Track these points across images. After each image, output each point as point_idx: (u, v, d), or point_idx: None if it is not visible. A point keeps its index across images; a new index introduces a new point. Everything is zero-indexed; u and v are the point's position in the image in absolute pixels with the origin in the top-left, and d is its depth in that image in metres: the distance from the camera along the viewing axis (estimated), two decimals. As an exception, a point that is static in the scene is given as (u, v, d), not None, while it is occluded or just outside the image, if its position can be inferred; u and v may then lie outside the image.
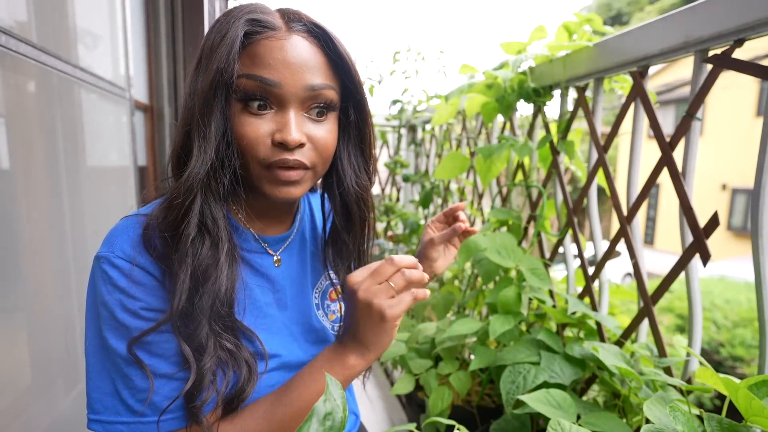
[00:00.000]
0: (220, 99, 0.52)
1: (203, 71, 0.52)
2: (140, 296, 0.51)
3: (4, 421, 0.89)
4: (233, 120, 0.53)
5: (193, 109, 0.52)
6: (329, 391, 0.29)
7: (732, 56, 0.68)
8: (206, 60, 0.52)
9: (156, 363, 0.51)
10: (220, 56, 0.51)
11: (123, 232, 0.53)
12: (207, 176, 0.52)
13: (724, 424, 0.53)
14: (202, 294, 0.51)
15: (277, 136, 0.53)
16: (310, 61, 0.53)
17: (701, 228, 0.72)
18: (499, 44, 1.14)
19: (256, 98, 0.53)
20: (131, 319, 0.50)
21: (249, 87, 0.52)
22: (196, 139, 0.52)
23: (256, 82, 0.52)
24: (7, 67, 0.89)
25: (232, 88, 0.52)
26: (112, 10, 1.53)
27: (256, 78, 0.52)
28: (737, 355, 4.28)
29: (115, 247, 0.51)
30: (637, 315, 0.86)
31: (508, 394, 0.85)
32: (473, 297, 1.26)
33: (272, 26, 0.53)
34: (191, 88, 0.54)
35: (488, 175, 1.25)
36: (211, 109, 0.51)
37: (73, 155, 1.19)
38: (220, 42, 0.51)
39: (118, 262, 0.51)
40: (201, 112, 0.51)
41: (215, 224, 0.53)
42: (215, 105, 0.52)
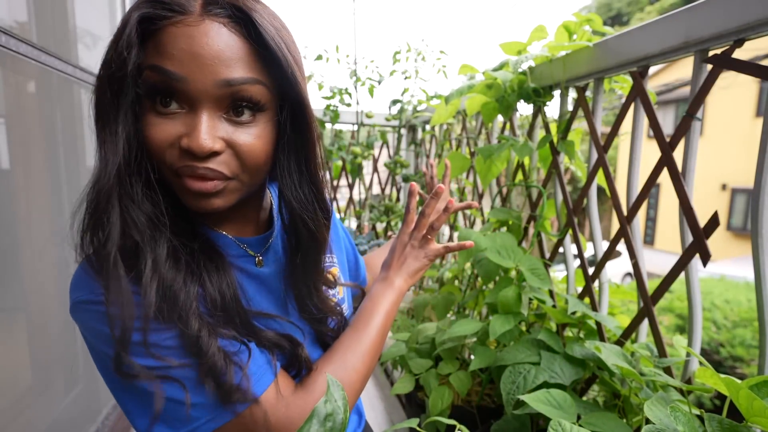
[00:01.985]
0: (125, 93, 0.45)
1: (103, 63, 0.46)
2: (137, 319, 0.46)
3: (4, 421, 0.89)
4: (141, 119, 0.46)
5: (96, 105, 0.46)
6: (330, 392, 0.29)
7: (732, 56, 0.68)
8: (109, 49, 0.45)
9: (188, 362, 0.47)
10: (119, 42, 0.44)
11: (83, 273, 0.49)
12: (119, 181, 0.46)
13: (724, 424, 0.53)
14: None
15: (184, 141, 0.45)
16: (225, 51, 0.45)
17: (701, 228, 0.72)
18: (499, 45, 1.14)
19: (160, 94, 0.45)
20: (136, 335, 0.46)
21: (152, 80, 0.44)
22: (102, 139, 0.47)
23: (159, 75, 0.44)
24: (7, 67, 0.89)
25: (138, 80, 0.44)
26: (112, 10, 1.53)
27: (158, 70, 0.44)
28: (737, 355, 4.28)
29: (82, 293, 0.48)
30: (637, 315, 0.86)
31: (509, 394, 0.85)
32: (473, 297, 1.27)
33: (181, 9, 0.44)
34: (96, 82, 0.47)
35: (488, 175, 1.25)
36: (110, 106, 0.45)
37: (73, 155, 1.19)
38: (123, 27, 0.44)
39: (94, 305, 0.47)
40: (103, 108, 0.46)
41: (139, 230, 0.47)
42: (119, 101, 0.45)
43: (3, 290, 0.90)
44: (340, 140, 2.25)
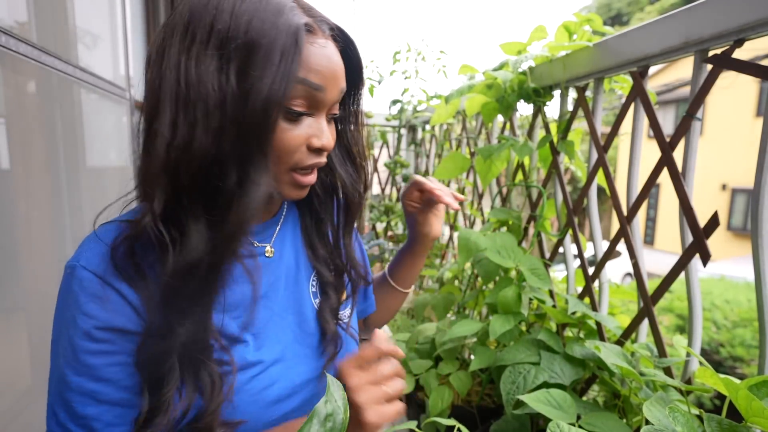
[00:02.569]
0: (278, 103, 0.48)
1: (259, 71, 0.46)
2: (96, 314, 0.47)
3: (4, 421, 0.89)
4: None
5: (249, 114, 0.46)
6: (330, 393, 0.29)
7: (732, 56, 0.68)
8: (252, 55, 0.46)
9: (100, 388, 0.48)
10: (286, 58, 0.47)
11: (95, 240, 0.50)
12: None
13: (724, 424, 0.53)
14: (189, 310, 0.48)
15: (316, 141, 0.54)
16: (341, 66, 0.54)
17: (701, 228, 0.72)
18: (499, 45, 1.14)
19: (299, 103, 0.51)
20: (82, 340, 0.47)
21: (296, 92, 0.50)
22: (258, 152, 0.48)
23: (306, 87, 0.50)
24: (7, 67, 0.89)
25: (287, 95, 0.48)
26: (112, 10, 1.53)
27: (308, 83, 0.50)
28: (737, 355, 4.28)
29: (81, 257, 0.49)
30: (637, 315, 0.86)
31: (509, 394, 0.85)
32: (473, 297, 1.26)
33: (314, 30, 0.51)
34: (233, 86, 0.46)
35: (488, 175, 1.25)
36: (276, 117, 0.48)
37: (73, 155, 1.19)
38: (272, 39, 0.46)
39: (80, 272, 0.48)
40: (267, 121, 0.47)
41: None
42: (275, 116, 0.48)
43: (3, 290, 0.90)
44: (340, 140, 2.25)
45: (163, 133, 0.46)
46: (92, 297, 0.48)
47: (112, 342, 0.48)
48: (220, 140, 0.47)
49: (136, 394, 0.49)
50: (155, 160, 0.47)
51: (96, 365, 0.48)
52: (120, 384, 0.49)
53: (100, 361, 0.48)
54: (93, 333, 0.47)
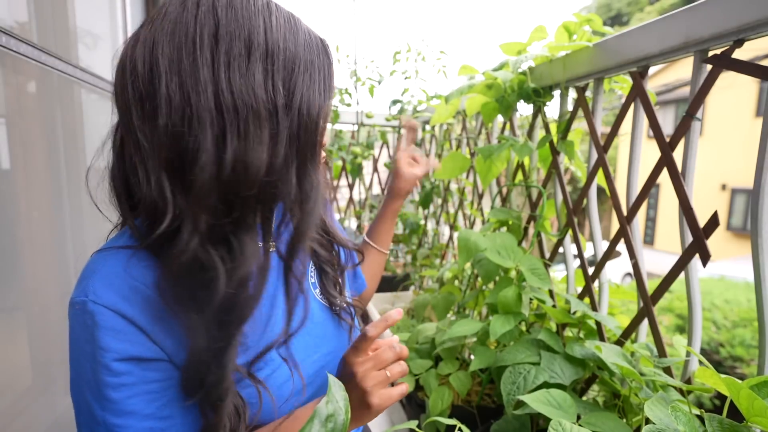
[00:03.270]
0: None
1: (310, 84, 0.50)
2: (113, 346, 0.47)
3: (4, 421, 0.89)
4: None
5: (302, 126, 0.50)
6: (331, 393, 0.29)
7: (732, 56, 0.68)
8: (299, 68, 0.50)
9: (124, 422, 0.48)
10: (330, 72, 0.53)
11: (99, 272, 0.49)
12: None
13: (725, 424, 0.53)
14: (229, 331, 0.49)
15: (325, 139, 0.58)
16: None
17: (701, 228, 0.72)
18: (499, 45, 1.14)
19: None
20: (101, 373, 0.47)
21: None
22: (310, 164, 0.52)
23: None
24: (7, 67, 0.89)
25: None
26: (112, 10, 1.53)
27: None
28: (737, 355, 4.28)
29: (89, 291, 0.47)
30: (637, 315, 0.86)
31: (509, 394, 0.85)
32: (473, 297, 1.26)
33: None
34: (280, 98, 0.48)
35: (488, 175, 1.25)
36: (321, 129, 0.53)
37: (73, 155, 1.19)
38: (310, 57, 0.51)
39: (91, 306, 0.47)
40: (317, 132, 0.51)
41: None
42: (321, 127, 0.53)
43: (3, 290, 0.90)
44: (340, 140, 2.25)
45: (208, 149, 0.45)
46: (107, 330, 0.47)
47: (131, 373, 0.48)
48: (273, 151, 0.48)
49: (160, 418, 0.50)
50: (200, 181, 0.45)
51: (118, 399, 0.48)
52: (142, 413, 0.49)
53: (121, 395, 0.48)
54: (111, 366, 0.47)
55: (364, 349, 0.57)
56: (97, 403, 0.48)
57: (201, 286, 0.47)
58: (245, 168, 0.46)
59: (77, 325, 0.48)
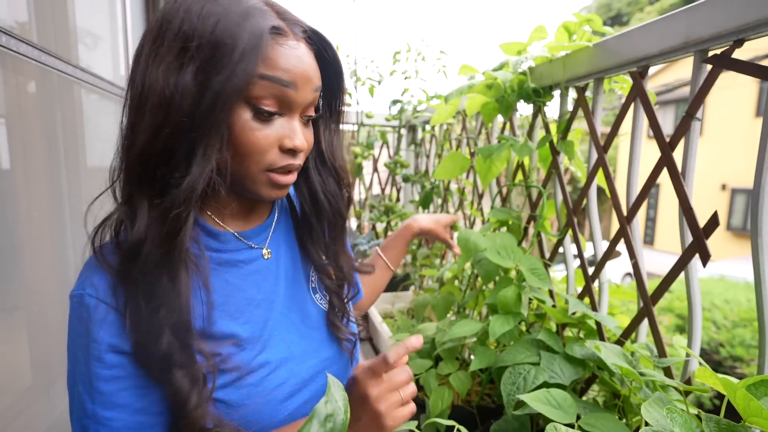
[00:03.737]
0: (236, 103, 0.49)
1: (215, 68, 0.46)
2: (105, 339, 0.48)
3: (4, 421, 0.89)
4: (237, 125, 0.50)
5: (198, 110, 0.47)
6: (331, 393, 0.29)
7: (732, 56, 0.68)
8: (213, 54, 0.46)
9: (115, 415, 0.49)
10: (245, 56, 0.47)
11: (95, 265, 0.51)
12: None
13: (722, 424, 0.53)
14: (169, 315, 0.48)
15: (287, 142, 0.53)
16: (314, 68, 0.54)
17: (701, 228, 0.72)
18: (499, 45, 1.14)
19: (269, 103, 0.51)
20: (94, 365, 0.48)
21: (266, 90, 0.50)
22: (200, 145, 0.47)
23: (276, 85, 0.50)
24: (7, 67, 0.89)
25: (249, 92, 0.49)
26: (112, 10, 1.53)
27: (277, 80, 0.50)
28: (737, 355, 4.28)
29: (86, 284, 0.49)
30: (637, 315, 0.86)
31: (509, 394, 0.85)
32: (473, 297, 1.26)
33: (284, 32, 0.51)
34: (187, 83, 0.47)
35: (488, 175, 1.25)
36: (227, 114, 0.48)
37: (73, 155, 1.19)
38: (235, 38, 0.46)
39: (88, 300, 0.49)
40: (215, 116, 0.47)
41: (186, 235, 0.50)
42: (233, 109, 0.49)
43: (3, 290, 0.90)
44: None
45: (127, 135, 0.50)
46: (100, 323, 0.48)
47: (122, 366, 0.49)
48: (158, 134, 0.47)
49: (152, 414, 0.50)
50: (126, 160, 0.50)
51: (109, 392, 0.48)
52: (133, 407, 0.50)
53: (112, 388, 0.49)
54: (104, 358, 0.48)
55: (380, 372, 0.57)
56: (88, 395, 0.48)
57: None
58: (134, 151, 0.49)
59: (74, 317, 0.49)
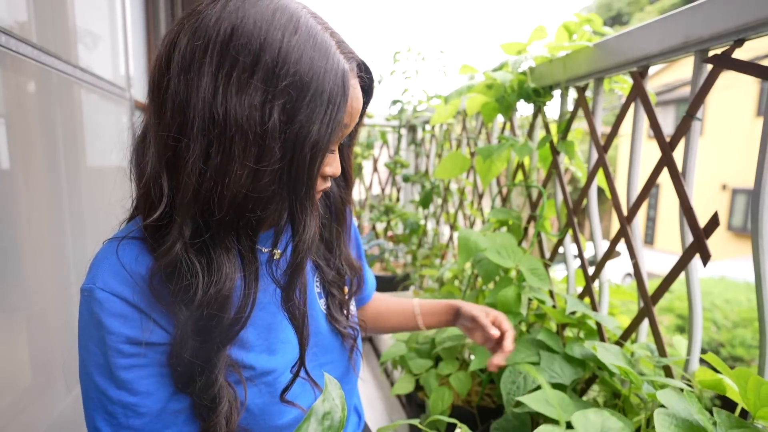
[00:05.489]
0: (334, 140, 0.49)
1: (309, 115, 0.45)
2: (122, 331, 0.47)
3: (4, 421, 0.89)
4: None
5: (294, 158, 0.46)
6: (328, 391, 0.29)
7: (732, 56, 0.68)
8: (305, 98, 0.45)
9: (139, 401, 0.49)
10: (339, 108, 0.47)
11: (107, 260, 0.49)
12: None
13: (732, 419, 0.53)
14: (217, 320, 0.49)
15: (328, 170, 0.54)
16: (362, 103, 0.55)
17: (701, 228, 0.72)
18: (499, 45, 1.14)
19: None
20: (113, 356, 0.48)
21: (344, 131, 0.52)
22: (308, 197, 0.49)
23: (345, 125, 0.51)
24: (7, 67, 0.89)
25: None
26: (112, 10, 1.53)
27: (345, 125, 0.51)
28: (737, 355, 4.28)
29: (98, 279, 0.48)
30: (637, 315, 0.86)
31: (509, 394, 0.85)
32: (473, 297, 1.26)
33: (352, 74, 0.51)
34: (275, 125, 0.44)
35: (488, 175, 1.25)
36: (322, 162, 0.49)
37: (73, 155, 1.19)
38: (324, 84, 0.46)
39: (99, 294, 0.47)
40: (314, 167, 0.47)
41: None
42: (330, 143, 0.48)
43: (3, 290, 0.90)
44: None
45: (194, 160, 0.44)
46: (115, 316, 0.47)
47: (143, 355, 0.49)
48: (256, 177, 0.45)
49: (177, 401, 0.51)
50: (186, 187, 0.45)
51: (131, 379, 0.48)
52: (158, 395, 0.50)
53: (134, 375, 0.48)
54: (122, 348, 0.48)
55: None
56: (111, 383, 0.48)
57: (181, 291, 0.48)
58: (223, 188, 0.45)
59: (86, 311, 0.49)
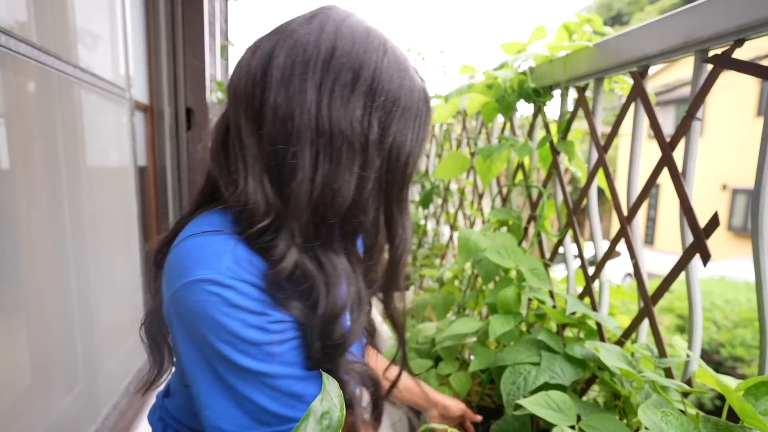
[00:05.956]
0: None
1: (404, 129, 0.52)
2: (265, 310, 0.47)
3: (4, 421, 0.89)
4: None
5: (397, 166, 0.53)
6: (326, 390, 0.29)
7: (732, 56, 0.67)
8: (401, 113, 0.52)
9: (294, 370, 0.50)
10: (427, 123, 0.55)
11: (223, 252, 0.48)
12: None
13: (720, 425, 0.53)
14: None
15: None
16: None
17: (701, 228, 0.72)
18: (499, 44, 1.14)
19: None
20: (261, 335, 0.47)
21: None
22: (405, 201, 0.56)
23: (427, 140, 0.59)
24: (7, 67, 0.89)
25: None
26: (112, 10, 1.53)
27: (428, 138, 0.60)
28: (737, 355, 4.28)
29: (221, 267, 0.47)
30: (637, 315, 0.86)
31: (509, 395, 0.85)
32: (473, 297, 1.26)
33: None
34: (375, 136, 0.51)
35: (488, 175, 1.25)
36: (410, 173, 0.56)
37: (73, 155, 1.19)
38: (410, 103, 0.53)
39: (229, 281, 0.46)
40: (410, 175, 0.55)
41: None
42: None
43: (3, 290, 0.90)
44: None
45: (305, 169, 0.48)
46: (254, 300, 0.47)
47: (286, 331, 0.49)
48: (360, 183, 0.50)
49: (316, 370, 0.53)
50: (297, 194, 0.49)
51: (281, 352, 0.49)
52: (303, 365, 0.51)
53: (283, 349, 0.49)
54: (267, 327, 0.48)
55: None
56: (262, 363, 0.48)
57: (302, 294, 0.50)
58: (333, 193, 0.49)
59: (208, 302, 0.46)
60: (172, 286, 0.48)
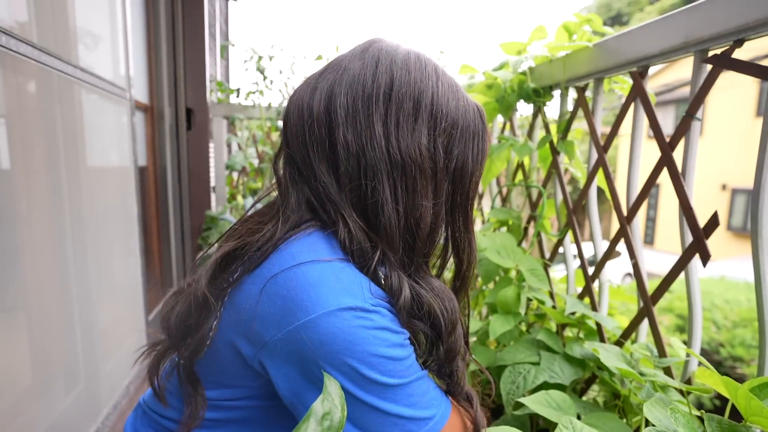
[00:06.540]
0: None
1: (461, 149, 0.54)
2: (400, 329, 0.50)
3: (4, 421, 0.89)
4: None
5: (461, 188, 0.55)
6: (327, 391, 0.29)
7: (732, 56, 0.68)
8: (456, 135, 0.53)
9: (421, 374, 0.52)
10: (484, 137, 0.56)
11: (356, 281, 0.49)
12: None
13: (724, 424, 0.53)
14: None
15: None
16: None
17: (701, 228, 0.72)
18: (499, 45, 1.14)
19: None
20: (402, 351, 0.49)
21: None
22: (470, 221, 0.59)
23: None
24: (7, 67, 0.89)
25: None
26: (112, 10, 1.53)
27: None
28: (737, 355, 4.28)
29: (365, 295, 0.48)
30: (637, 315, 0.86)
31: (509, 394, 0.85)
32: (473, 297, 1.27)
33: None
34: (440, 160, 0.53)
35: (488, 175, 1.25)
36: (476, 186, 0.58)
37: (73, 155, 1.19)
38: (467, 124, 0.54)
39: (374, 307, 0.48)
40: (470, 193, 0.56)
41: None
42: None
43: (3, 290, 0.90)
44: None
45: (388, 200, 0.50)
46: (392, 322, 0.49)
47: (410, 344, 0.52)
48: (435, 208, 0.53)
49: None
50: (389, 226, 0.51)
51: (413, 363, 0.51)
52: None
53: (414, 359, 0.51)
54: (404, 343, 0.50)
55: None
56: (401, 377, 0.48)
57: (418, 312, 0.52)
58: (416, 221, 0.51)
59: (356, 328, 0.46)
60: (299, 317, 0.46)
